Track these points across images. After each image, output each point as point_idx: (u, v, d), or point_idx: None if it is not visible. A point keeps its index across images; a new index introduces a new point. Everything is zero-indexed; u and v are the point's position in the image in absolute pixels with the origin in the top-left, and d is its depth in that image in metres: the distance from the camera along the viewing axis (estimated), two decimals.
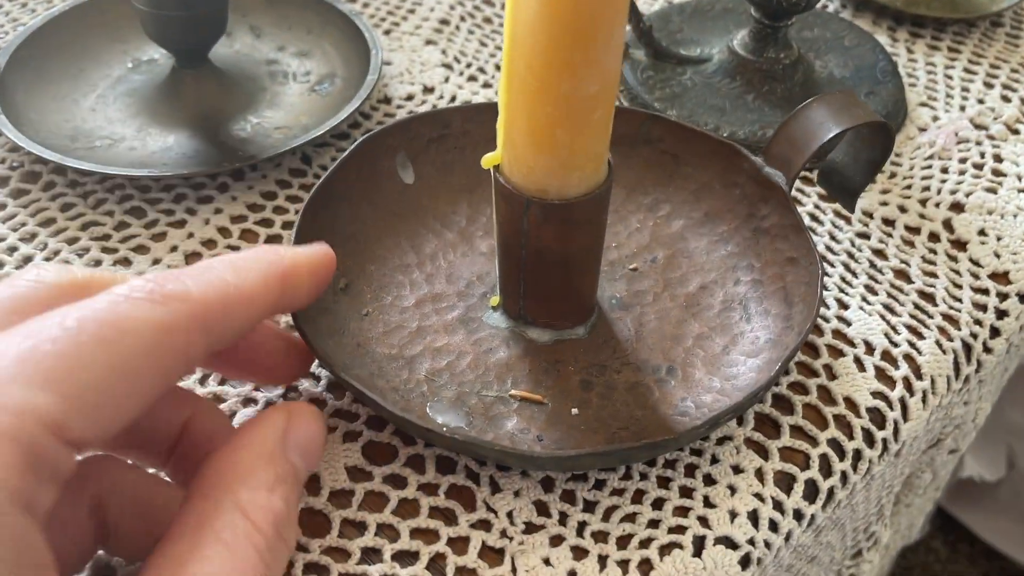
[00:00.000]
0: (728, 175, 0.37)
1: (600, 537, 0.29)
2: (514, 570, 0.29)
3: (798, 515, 0.31)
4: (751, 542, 0.30)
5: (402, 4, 0.53)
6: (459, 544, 0.29)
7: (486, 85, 0.48)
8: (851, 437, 0.33)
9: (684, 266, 0.36)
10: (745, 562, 0.30)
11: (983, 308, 0.38)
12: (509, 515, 0.30)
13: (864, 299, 0.37)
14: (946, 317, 0.37)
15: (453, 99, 0.47)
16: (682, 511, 0.30)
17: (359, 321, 0.35)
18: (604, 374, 0.33)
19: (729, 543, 0.30)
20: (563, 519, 0.30)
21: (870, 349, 0.36)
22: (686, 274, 0.36)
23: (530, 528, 0.29)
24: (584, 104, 0.27)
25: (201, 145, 0.42)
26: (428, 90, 0.47)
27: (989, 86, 0.49)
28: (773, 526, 0.31)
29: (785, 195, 0.35)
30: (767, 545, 0.30)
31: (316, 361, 0.32)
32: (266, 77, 0.47)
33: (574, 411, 0.31)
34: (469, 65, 0.49)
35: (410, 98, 0.47)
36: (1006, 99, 0.48)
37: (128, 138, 0.43)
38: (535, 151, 0.28)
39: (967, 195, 0.42)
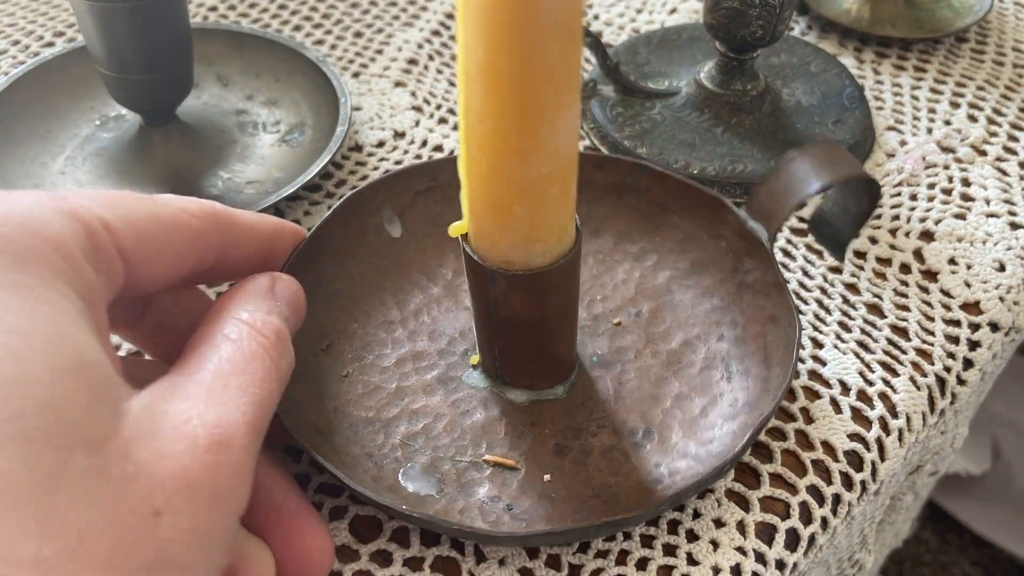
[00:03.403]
0: (714, 227, 0.37)
1: None
2: None
3: (780, 565, 0.32)
4: None
5: (370, 44, 0.53)
6: None
7: (456, 127, 0.48)
8: (830, 482, 0.33)
9: (668, 320, 0.36)
10: None
11: (955, 340, 0.38)
12: None
13: (838, 337, 0.38)
14: (919, 352, 0.38)
15: (424, 143, 0.47)
16: (666, 570, 0.31)
17: (339, 383, 0.35)
18: (580, 437, 0.33)
19: None
20: None
21: (845, 389, 0.36)
22: (670, 329, 0.36)
23: None
24: (538, 184, 0.27)
25: None
26: (399, 135, 0.47)
27: (956, 105, 0.49)
28: None
29: (767, 251, 0.35)
30: None
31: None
32: (236, 128, 0.47)
33: (546, 477, 0.31)
34: (439, 107, 0.49)
35: (381, 144, 0.47)
36: (973, 118, 0.48)
37: None
38: (496, 225, 0.29)
39: (936, 222, 0.43)
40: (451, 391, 0.34)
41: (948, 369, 0.37)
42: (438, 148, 0.46)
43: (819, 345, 0.37)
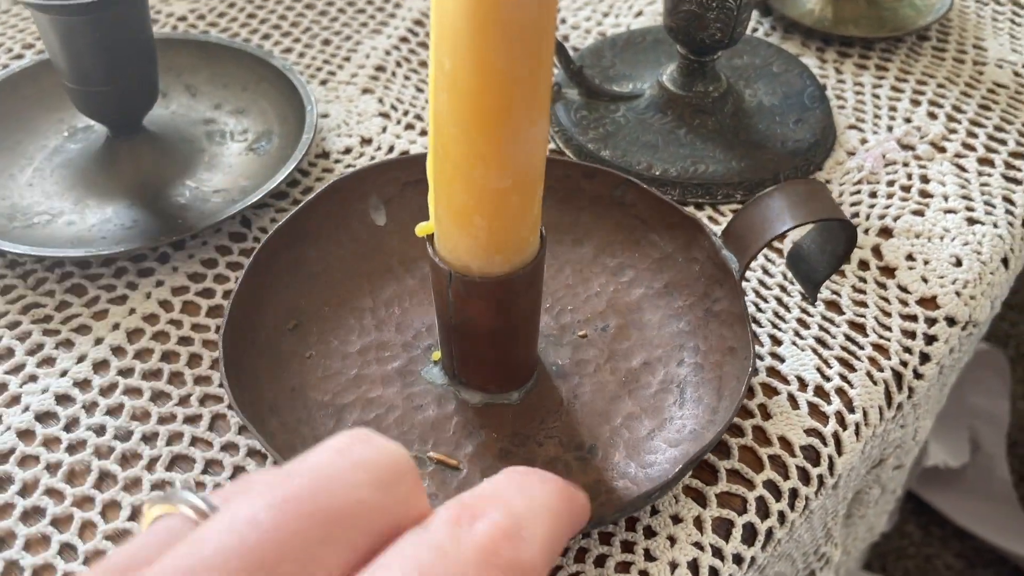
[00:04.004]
0: (690, 250, 0.37)
1: None
2: None
3: (738, 559, 0.32)
4: None
5: (338, 52, 0.53)
6: None
7: (423, 133, 0.48)
8: (787, 477, 0.34)
9: (633, 338, 0.37)
10: None
11: (912, 335, 0.39)
12: None
13: (797, 334, 0.38)
14: (876, 347, 0.38)
15: (391, 149, 0.47)
16: (624, 567, 0.31)
17: (301, 363, 0.35)
18: (526, 445, 0.33)
19: None
20: None
21: (803, 385, 0.37)
22: (633, 347, 0.37)
23: None
24: (498, 196, 0.27)
25: (140, 214, 0.43)
26: (366, 142, 0.48)
27: (916, 103, 0.50)
28: (713, 573, 0.31)
29: (736, 282, 0.35)
30: None
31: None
32: (203, 137, 0.47)
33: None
34: (406, 113, 0.49)
35: (348, 151, 0.47)
36: (932, 116, 0.49)
37: (67, 212, 0.43)
38: (457, 231, 0.29)
39: (895, 219, 0.43)
40: (408, 384, 0.35)
41: (905, 364, 0.38)
42: (404, 154, 0.47)
43: (777, 342, 0.38)
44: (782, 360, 0.37)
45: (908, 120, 0.49)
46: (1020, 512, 0.99)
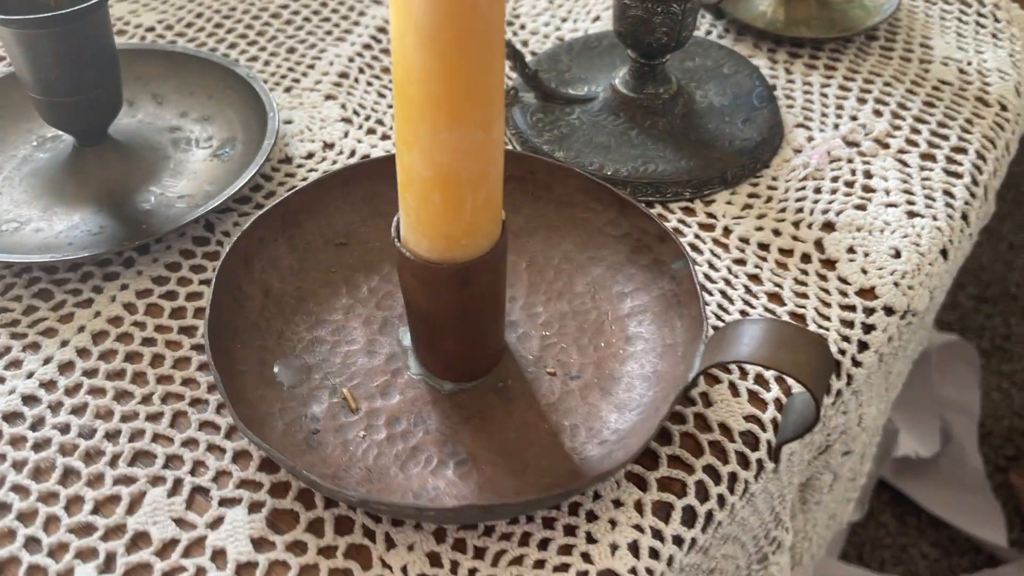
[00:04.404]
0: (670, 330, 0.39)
1: None
2: None
3: (678, 540, 0.34)
4: (633, 571, 0.32)
5: (302, 60, 0.54)
6: None
7: (384, 137, 0.49)
8: (726, 462, 0.35)
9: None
10: None
11: (850, 324, 0.40)
12: (403, 569, 0.32)
13: None
14: None
15: (353, 153, 0.49)
16: (566, 549, 0.33)
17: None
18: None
19: (612, 575, 0.32)
20: (455, 568, 0.32)
21: (744, 374, 0.38)
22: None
23: None
24: (420, 183, 0.29)
25: (106, 220, 0.44)
26: (328, 146, 0.49)
27: (863, 101, 0.52)
28: (654, 554, 0.33)
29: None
30: (649, 572, 0.33)
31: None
32: (169, 145, 0.48)
33: (361, 433, 0.35)
34: (368, 118, 0.51)
35: (310, 156, 0.48)
36: (878, 113, 0.51)
37: (35, 219, 0.44)
38: (401, 208, 0.31)
39: (838, 213, 0.45)
40: (381, 333, 0.39)
41: (843, 352, 0.40)
42: (366, 158, 0.48)
43: None
44: None
45: (854, 118, 0.50)
46: (993, 501, 1.01)
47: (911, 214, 0.45)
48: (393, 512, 0.32)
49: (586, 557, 0.32)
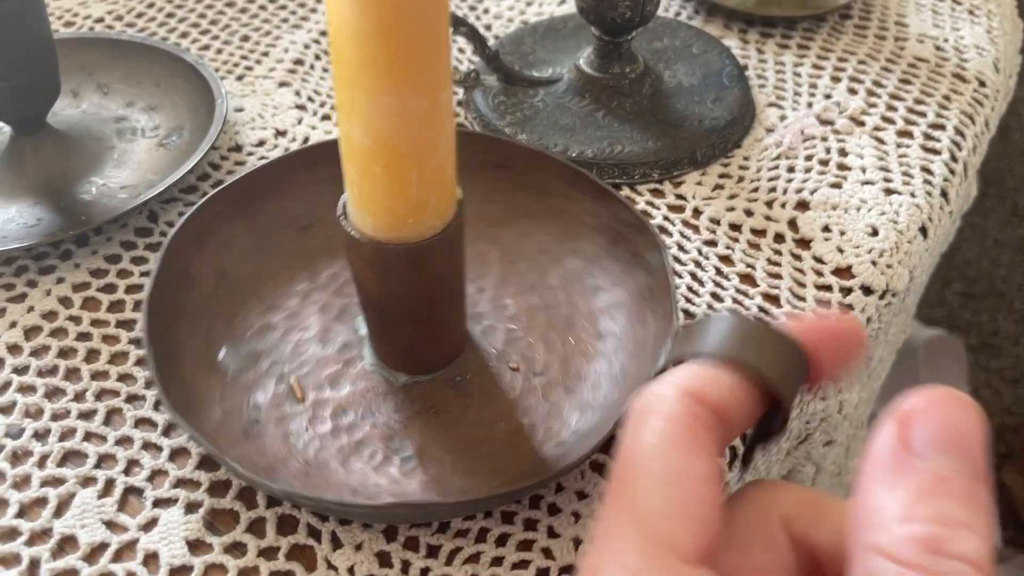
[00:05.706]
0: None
1: None
2: None
3: None
4: None
5: (256, 47, 0.52)
6: None
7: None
8: None
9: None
10: None
11: (826, 305, 0.38)
12: (350, 570, 0.29)
13: (710, 307, 0.38)
14: (790, 318, 0.38)
15: (306, 140, 0.46)
16: (526, 545, 0.30)
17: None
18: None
19: (573, 572, 0.30)
20: (405, 567, 0.30)
21: None
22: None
23: None
24: (361, 154, 0.27)
25: (44, 212, 0.42)
26: (280, 133, 0.47)
27: (836, 80, 0.50)
28: None
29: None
30: None
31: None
32: (114, 135, 0.46)
33: (309, 427, 0.33)
34: (323, 104, 0.49)
35: (261, 143, 0.46)
36: (852, 91, 0.49)
37: None
38: (345, 182, 0.29)
39: (812, 192, 0.43)
40: (338, 321, 0.36)
41: None
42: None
43: (691, 316, 0.37)
44: None
45: (828, 96, 0.49)
46: None
47: (888, 191, 0.43)
48: (320, 508, 0.29)
49: (547, 553, 0.30)
